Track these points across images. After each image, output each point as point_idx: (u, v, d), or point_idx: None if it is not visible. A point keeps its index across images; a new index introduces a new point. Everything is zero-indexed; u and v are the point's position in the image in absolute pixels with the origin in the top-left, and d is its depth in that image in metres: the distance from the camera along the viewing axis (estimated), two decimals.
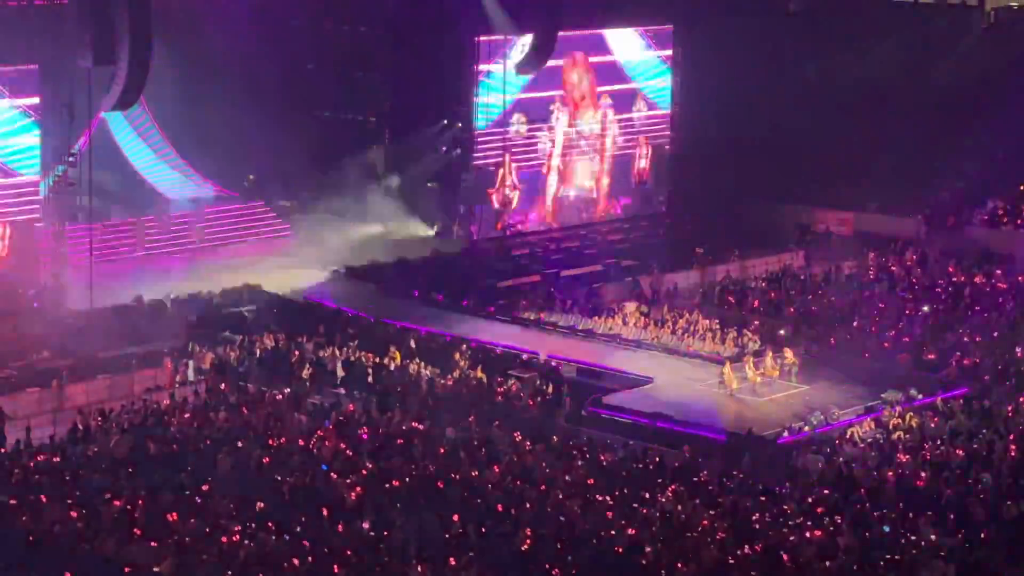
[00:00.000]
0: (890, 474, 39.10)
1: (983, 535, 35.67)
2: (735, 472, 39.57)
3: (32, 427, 41.21)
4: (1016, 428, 42.76)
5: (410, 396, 45.30)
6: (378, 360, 47.60)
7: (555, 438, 41.81)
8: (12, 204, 53.64)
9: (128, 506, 35.25)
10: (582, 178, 68.80)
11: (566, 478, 38.24)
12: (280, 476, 37.43)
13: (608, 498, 36.88)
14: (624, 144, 70.00)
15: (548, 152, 67.33)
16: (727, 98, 68.18)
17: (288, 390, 45.05)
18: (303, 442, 40.08)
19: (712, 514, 35.99)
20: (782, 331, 52.12)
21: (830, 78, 70.55)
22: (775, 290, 58.07)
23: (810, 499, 37.38)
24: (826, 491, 38.09)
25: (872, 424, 43.68)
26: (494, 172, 65.33)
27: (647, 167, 70.77)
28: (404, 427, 42.13)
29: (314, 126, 64.95)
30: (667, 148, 71.29)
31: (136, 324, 49.78)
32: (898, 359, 49.94)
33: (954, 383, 47.47)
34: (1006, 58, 69.36)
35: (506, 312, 54.67)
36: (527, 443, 41.00)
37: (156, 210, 59.79)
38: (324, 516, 35.05)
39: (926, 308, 55.27)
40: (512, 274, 59.90)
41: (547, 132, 67.25)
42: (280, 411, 42.96)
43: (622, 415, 44.87)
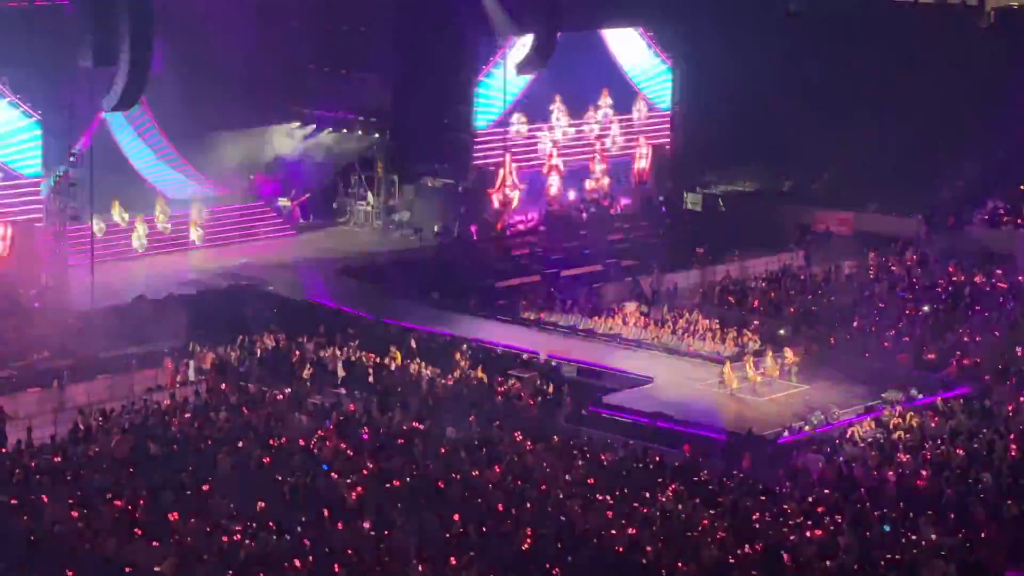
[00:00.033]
0: (890, 474, 39.12)
1: (983, 534, 35.69)
2: (735, 472, 39.60)
3: (33, 427, 41.17)
4: (1016, 428, 42.76)
5: (411, 396, 45.30)
6: (379, 360, 47.58)
7: (555, 438, 41.83)
8: (13, 204, 53.70)
9: (129, 506, 35.28)
10: (582, 178, 68.78)
11: (566, 478, 38.27)
12: (281, 476, 37.44)
13: (608, 498, 36.89)
14: (624, 144, 70.01)
15: (548, 152, 67.34)
16: (727, 98, 68.15)
17: (289, 390, 45.03)
18: (304, 442, 40.08)
19: (712, 513, 36.01)
20: (782, 331, 52.10)
21: (830, 78, 70.50)
22: (775, 290, 58.01)
23: (810, 499, 37.38)
24: (826, 491, 38.11)
25: (872, 424, 43.67)
26: (494, 172, 65.35)
27: (647, 167, 70.79)
28: (405, 427, 42.14)
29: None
30: (667, 148, 71.29)
31: (137, 324, 49.73)
32: (898, 359, 49.92)
33: (954, 383, 47.46)
34: (1006, 58, 69.31)
35: (506, 312, 54.67)
36: (528, 443, 41.03)
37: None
38: (325, 516, 35.06)
39: (926, 308, 55.23)
40: (512, 274, 59.88)
41: (547, 132, 67.27)
42: (281, 411, 42.96)
43: (622, 415, 44.84)
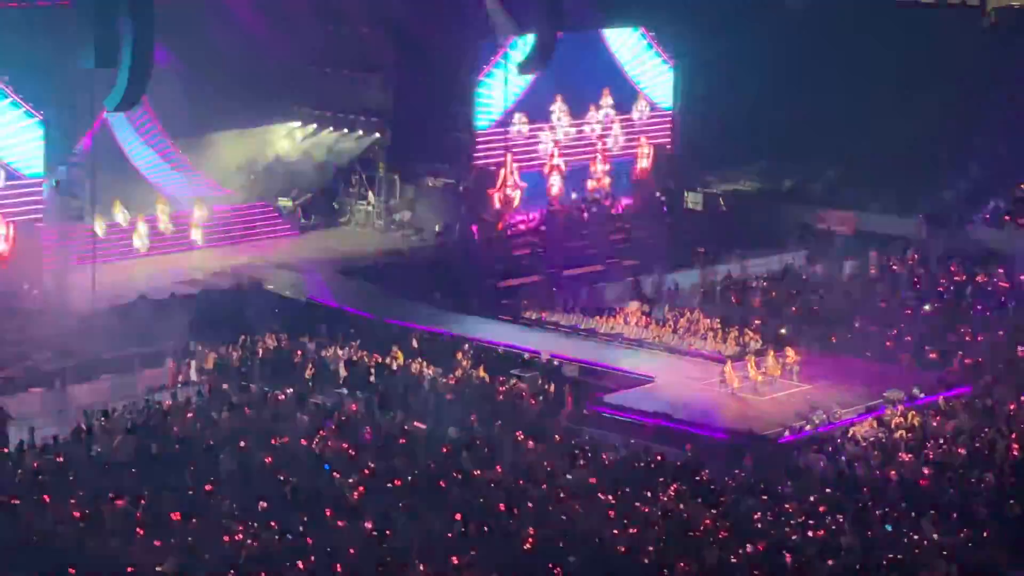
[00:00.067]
0: (892, 473, 39.12)
1: (985, 534, 35.71)
2: (737, 471, 39.60)
3: (35, 427, 41.25)
4: (1018, 427, 42.74)
5: (412, 396, 45.34)
6: (380, 360, 47.62)
7: (557, 437, 41.86)
8: (15, 204, 53.73)
9: (131, 506, 35.30)
10: (583, 178, 68.77)
11: (568, 477, 38.29)
12: (282, 476, 37.47)
13: (610, 497, 36.91)
14: (626, 144, 70.00)
15: (549, 152, 67.33)
16: (728, 98, 68.14)
17: (291, 390, 45.07)
18: (306, 442, 40.11)
19: (714, 513, 36.03)
20: (784, 330, 52.12)
21: (832, 78, 70.48)
22: (776, 289, 58.02)
23: (812, 498, 37.40)
24: (828, 490, 38.12)
25: (874, 423, 43.68)
26: (495, 172, 65.35)
27: (648, 167, 70.77)
28: (406, 427, 42.17)
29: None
30: (668, 148, 71.26)
31: (139, 324, 49.73)
32: (900, 358, 49.96)
33: (956, 382, 47.47)
34: (1008, 58, 69.29)
35: (508, 312, 54.67)
36: (529, 442, 41.05)
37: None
38: (326, 516, 35.09)
39: (928, 307, 55.26)
40: (514, 274, 59.86)
41: (548, 132, 67.27)
42: (283, 411, 43.00)
43: (624, 414, 44.87)
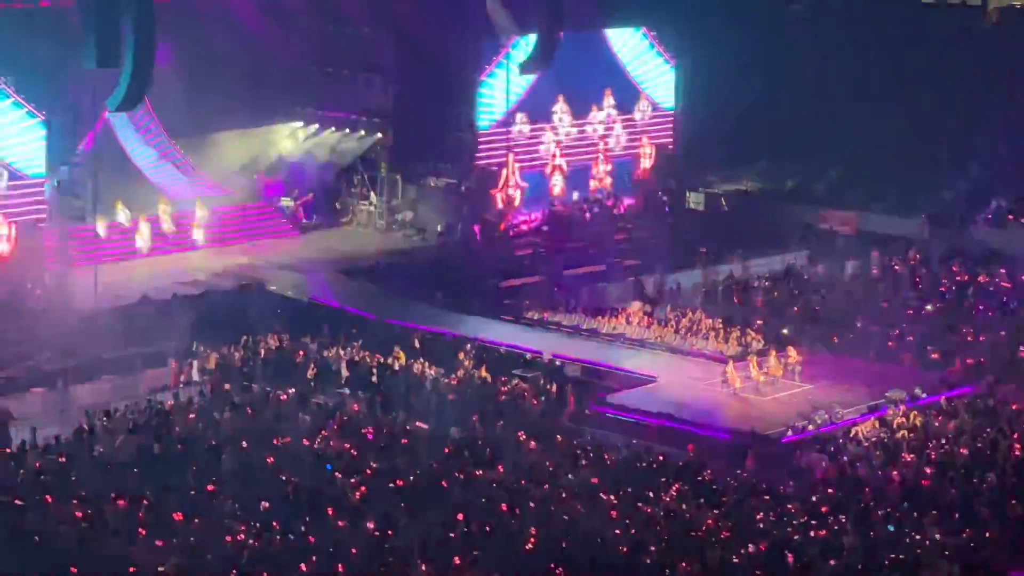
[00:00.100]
0: (894, 473, 39.10)
1: (988, 534, 35.70)
2: (739, 471, 39.59)
3: (37, 428, 41.24)
4: (1020, 427, 42.68)
5: (414, 396, 45.34)
6: (382, 360, 47.61)
7: (559, 437, 41.84)
8: (17, 204, 53.74)
9: (133, 506, 35.29)
10: (585, 178, 68.77)
11: (570, 477, 38.27)
12: (284, 476, 37.46)
13: (612, 497, 36.90)
14: (628, 144, 70.00)
15: (551, 152, 67.34)
16: (730, 98, 68.12)
17: (293, 390, 45.06)
18: (308, 442, 40.11)
19: (716, 513, 36.00)
20: (786, 330, 52.10)
21: (834, 78, 70.47)
22: (778, 289, 58.00)
23: (814, 498, 37.39)
24: (830, 490, 38.11)
25: (876, 423, 43.66)
26: (497, 172, 65.35)
27: (650, 167, 70.75)
28: (408, 427, 42.17)
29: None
30: (670, 148, 71.26)
31: (141, 325, 49.73)
32: (902, 358, 49.94)
33: (958, 382, 47.45)
34: (1009, 57, 69.26)
35: (510, 312, 54.65)
36: (531, 442, 41.04)
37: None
38: (328, 516, 35.08)
39: (930, 307, 55.23)
40: (515, 274, 59.85)
41: (550, 132, 67.26)
42: (285, 411, 43.00)
43: (626, 414, 44.85)
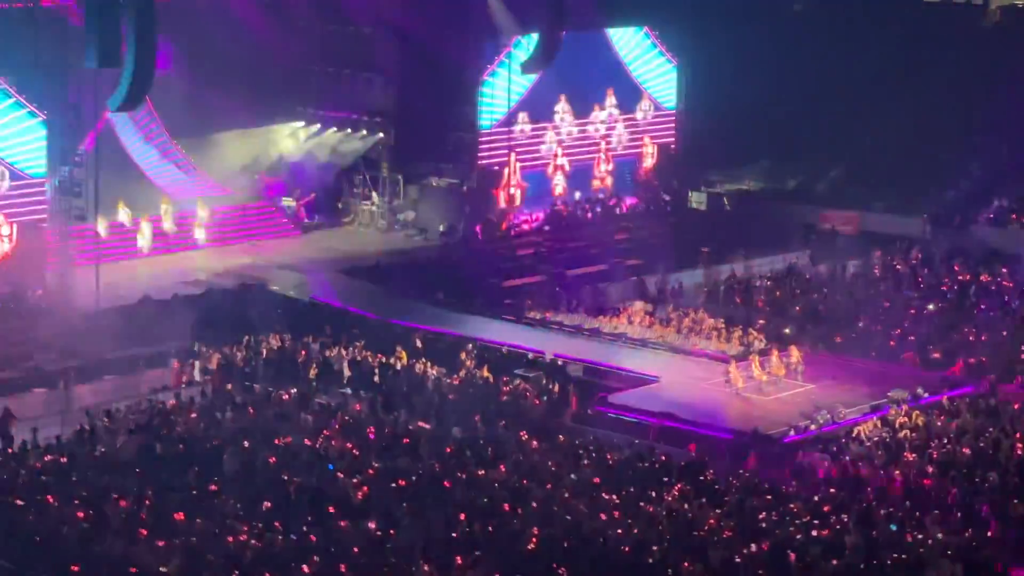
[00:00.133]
0: (897, 473, 39.07)
1: (990, 534, 35.69)
2: (741, 471, 39.57)
3: (39, 428, 41.22)
4: (1022, 426, 42.67)
5: (416, 396, 45.33)
6: (384, 360, 47.59)
7: (561, 437, 41.82)
8: (19, 204, 53.75)
9: (135, 506, 35.27)
10: (587, 178, 68.81)
11: (572, 477, 38.25)
12: (287, 476, 37.45)
13: (614, 497, 36.87)
14: (629, 144, 70.02)
15: (553, 152, 67.36)
16: (733, 97, 68.12)
17: (294, 390, 45.05)
18: (310, 442, 40.09)
19: (718, 513, 35.97)
20: (788, 330, 52.07)
21: (835, 78, 70.45)
22: (780, 289, 57.97)
23: (816, 498, 37.37)
24: (832, 490, 38.09)
25: (878, 423, 43.62)
26: (499, 172, 65.36)
27: (652, 167, 70.77)
28: (410, 427, 42.14)
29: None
30: (672, 148, 71.27)
31: (142, 325, 49.73)
32: (904, 358, 49.91)
33: (960, 382, 47.42)
34: (1012, 57, 69.24)
35: (512, 312, 54.63)
36: (533, 442, 41.02)
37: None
38: (330, 516, 35.06)
39: (931, 307, 55.19)
40: (517, 274, 59.85)
41: (552, 132, 67.28)
42: (286, 411, 42.99)
43: (628, 414, 44.83)
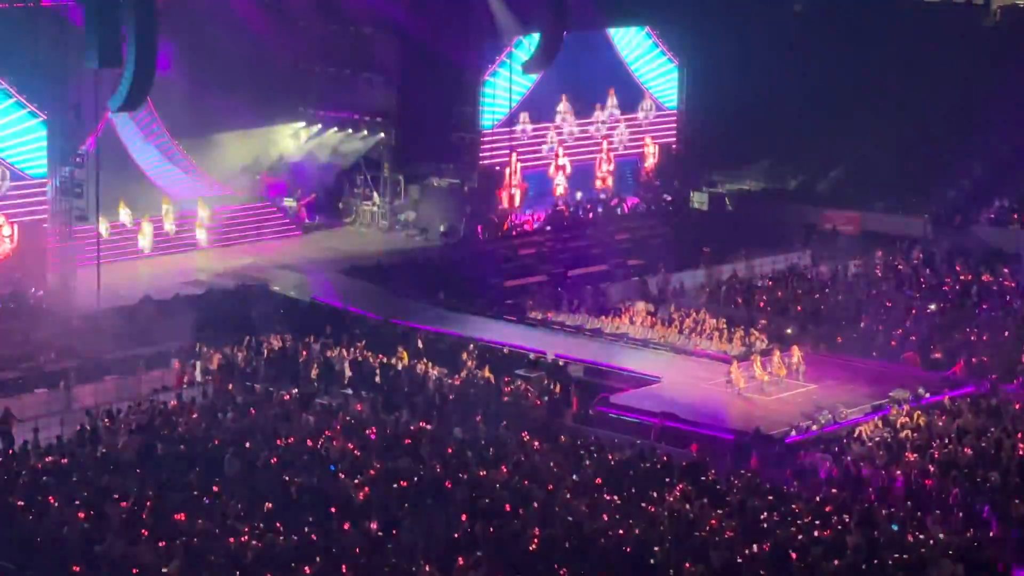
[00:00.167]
0: (898, 473, 39.05)
1: (991, 534, 35.67)
2: (743, 471, 39.54)
3: (40, 428, 41.22)
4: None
5: (417, 396, 45.31)
6: (386, 360, 47.58)
7: (563, 438, 41.79)
8: (19, 205, 53.76)
9: (136, 507, 35.24)
10: (588, 178, 68.81)
11: (574, 478, 38.23)
12: (288, 476, 37.43)
13: (616, 497, 36.85)
14: (631, 144, 70.01)
15: (554, 152, 67.36)
16: (734, 97, 68.13)
17: (296, 390, 45.05)
18: (311, 442, 40.06)
19: (720, 513, 35.94)
20: (789, 330, 52.05)
21: (837, 77, 70.46)
22: (782, 289, 57.96)
23: (818, 498, 37.35)
24: (834, 490, 38.07)
25: (880, 423, 43.59)
26: (500, 172, 65.36)
27: (654, 167, 70.76)
28: (412, 427, 42.10)
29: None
30: (674, 148, 71.27)
31: (143, 325, 49.75)
32: (905, 358, 49.89)
33: (961, 381, 47.39)
34: (1013, 56, 69.25)
35: (513, 312, 54.61)
36: (535, 443, 41.00)
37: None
38: (332, 516, 35.04)
39: (933, 307, 55.17)
40: (519, 274, 59.85)
41: (553, 132, 67.28)
42: (288, 411, 42.97)
43: (629, 414, 44.80)
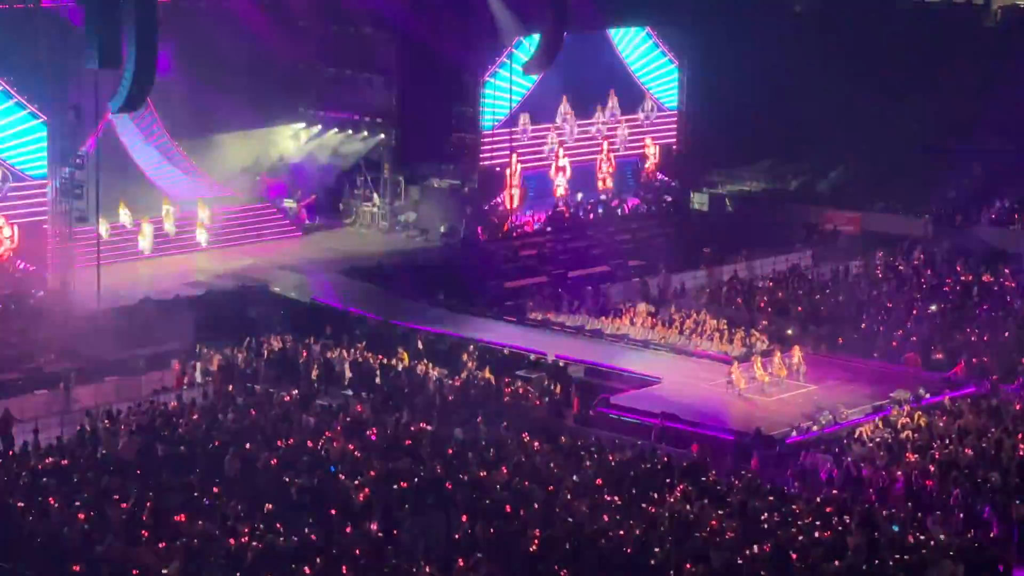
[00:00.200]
0: (899, 473, 39.02)
1: (992, 534, 35.64)
2: (743, 472, 39.53)
3: (40, 429, 41.20)
4: None
5: (418, 397, 45.29)
6: (386, 361, 47.56)
7: (563, 438, 41.78)
8: (20, 206, 53.75)
9: (136, 508, 35.21)
10: (589, 178, 68.78)
11: (574, 478, 38.21)
12: (288, 477, 37.41)
13: (616, 498, 36.83)
14: (631, 144, 69.99)
15: (555, 153, 67.33)
16: (734, 98, 68.13)
17: (296, 391, 45.03)
18: (311, 443, 40.05)
19: (720, 514, 35.92)
20: (790, 331, 52.03)
21: (837, 78, 70.44)
22: (783, 290, 57.94)
23: (819, 499, 37.32)
24: (835, 491, 38.05)
25: (880, 423, 43.56)
26: (500, 173, 65.32)
27: (654, 167, 70.74)
28: (412, 428, 42.08)
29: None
30: (674, 148, 71.25)
31: (143, 326, 49.74)
32: (906, 358, 49.85)
33: (962, 382, 47.36)
34: (1013, 56, 69.24)
35: (513, 313, 54.58)
36: (535, 443, 40.97)
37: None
38: (332, 517, 35.01)
39: (934, 307, 55.14)
40: (519, 275, 59.83)
41: (553, 133, 67.24)
42: (288, 412, 42.95)
43: (630, 415, 44.78)
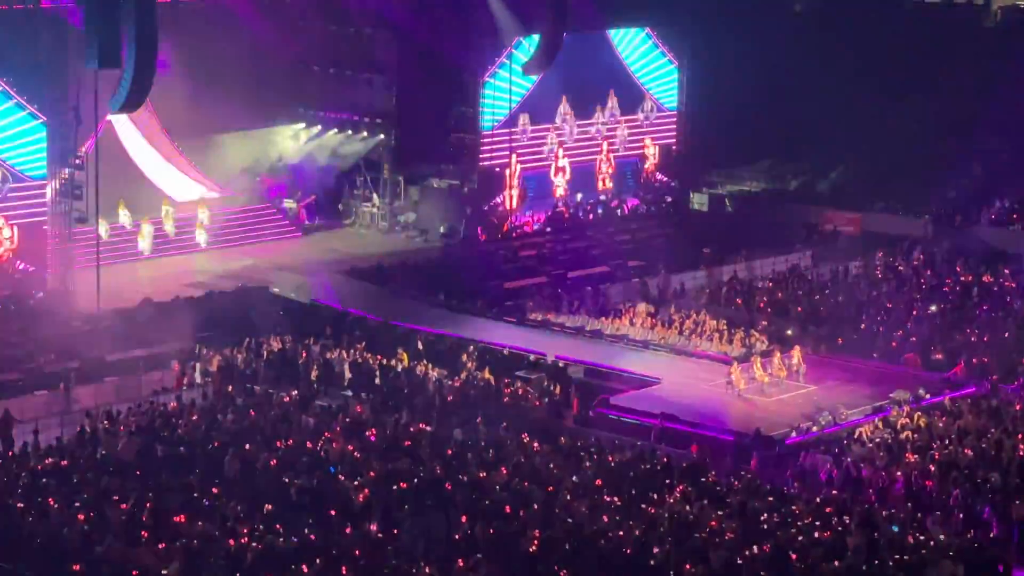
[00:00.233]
0: (899, 474, 39.03)
1: (992, 535, 35.65)
2: (743, 472, 39.53)
3: (40, 430, 41.18)
4: None
5: (417, 397, 45.29)
6: (385, 362, 47.56)
7: (563, 439, 41.78)
8: (19, 206, 53.74)
9: (136, 509, 35.21)
10: (589, 179, 68.77)
11: (574, 479, 38.21)
12: (288, 478, 37.41)
13: (616, 499, 36.83)
14: (631, 144, 69.99)
15: (554, 153, 67.33)
16: (734, 98, 68.13)
17: (295, 392, 45.02)
18: (311, 444, 40.05)
19: (720, 514, 35.92)
20: (790, 331, 52.03)
21: (837, 78, 70.44)
22: (782, 290, 57.93)
23: (818, 499, 37.33)
24: (834, 491, 38.05)
25: (880, 424, 43.56)
26: (500, 173, 65.32)
27: (654, 167, 70.73)
28: (411, 429, 42.08)
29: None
30: (674, 148, 71.25)
31: (143, 327, 49.74)
32: (906, 359, 49.85)
33: (962, 382, 47.36)
34: (1013, 56, 69.24)
35: (513, 313, 54.57)
36: (535, 444, 40.98)
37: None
38: (332, 518, 35.01)
39: (934, 307, 55.13)
40: (518, 275, 59.82)
41: (553, 133, 67.25)
42: (287, 413, 42.94)
43: (629, 416, 44.77)
